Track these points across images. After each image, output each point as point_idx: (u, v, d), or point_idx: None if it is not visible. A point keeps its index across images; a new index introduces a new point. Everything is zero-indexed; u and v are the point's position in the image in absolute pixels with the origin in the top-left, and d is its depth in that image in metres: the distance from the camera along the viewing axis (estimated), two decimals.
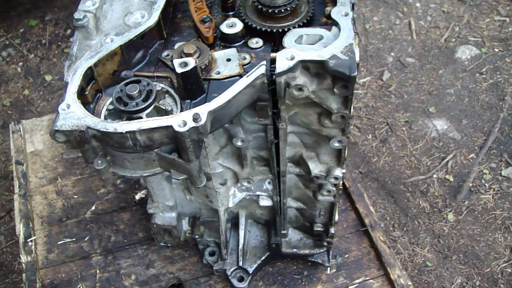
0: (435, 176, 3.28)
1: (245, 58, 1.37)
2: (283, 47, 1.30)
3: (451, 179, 3.27)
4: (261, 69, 1.24)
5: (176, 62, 1.24)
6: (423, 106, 3.64)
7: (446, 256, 2.96)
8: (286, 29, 1.37)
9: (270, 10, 1.37)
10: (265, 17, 1.40)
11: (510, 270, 2.90)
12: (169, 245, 2.10)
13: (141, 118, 1.24)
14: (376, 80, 3.81)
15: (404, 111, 3.61)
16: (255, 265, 1.99)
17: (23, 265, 2.17)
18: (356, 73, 1.17)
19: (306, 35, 1.32)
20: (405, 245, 3.00)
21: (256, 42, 1.40)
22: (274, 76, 1.21)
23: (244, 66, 1.35)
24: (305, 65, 1.21)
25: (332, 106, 1.28)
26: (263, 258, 2.00)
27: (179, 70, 1.23)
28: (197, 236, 1.95)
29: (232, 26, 1.40)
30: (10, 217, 3.12)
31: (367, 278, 2.03)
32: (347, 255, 2.09)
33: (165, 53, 1.42)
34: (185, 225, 1.93)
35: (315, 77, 1.25)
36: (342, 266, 2.07)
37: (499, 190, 3.22)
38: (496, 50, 4.00)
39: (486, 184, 3.25)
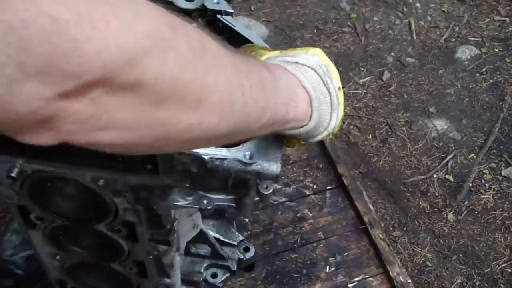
0: (435, 176, 3.28)
1: None
2: None
3: (451, 179, 3.27)
4: None
5: None
6: (423, 106, 3.65)
7: (446, 256, 2.96)
8: None
9: None
10: None
11: (510, 270, 2.90)
12: None
13: None
14: (376, 80, 3.81)
15: (404, 111, 3.61)
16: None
17: None
18: None
19: None
20: (405, 245, 2.99)
21: None
22: None
23: None
24: None
25: None
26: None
27: None
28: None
29: None
30: (10, 217, 3.12)
31: (367, 276, 2.02)
32: (346, 253, 2.09)
33: None
34: None
35: None
36: (341, 264, 2.06)
37: (499, 190, 3.22)
38: (496, 50, 4.00)
39: (486, 184, 3.25)
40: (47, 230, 1.18)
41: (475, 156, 3.38)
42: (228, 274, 1.92)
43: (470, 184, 3.24)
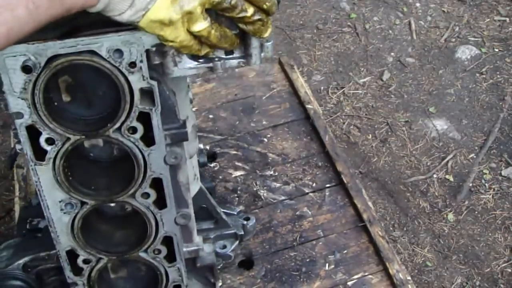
0: (435, 176, 3.28)
1: None
2: None
3: (451, 179, 3.27)
4: None
5: None
6: (423, 106, 3.65)
7: (446, 256, 2.95)
8: None
9: None
10: None
11: (510, 270, 2.90)
12: None
13: None
14: (376, 80, 3.82)
15: (404, 111, 3.61)
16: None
17: None
18: None
19: None
20: (405, 245, 2.99)
21: None
22: None
23: None
24: None
25: None
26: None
27: None
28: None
29: None
30: (10, 217, 3.11)
31: (366, 274, 2.01)
32: (345, 251, 2.08)
33: None
34: None
35: None
36: (340, 262, 2.05)
37: (499, 190, 3.22)
38: (496, 50, 4.00)
39: (486, 184, 3.25)
40: (57, 157, 1.15)
41: (475, 156, 3.38)
42: (236, 243, 1.92)
43: (470, 184, 3.24)
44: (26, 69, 0.98)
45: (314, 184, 2.28)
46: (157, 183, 1.25)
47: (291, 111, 2.49)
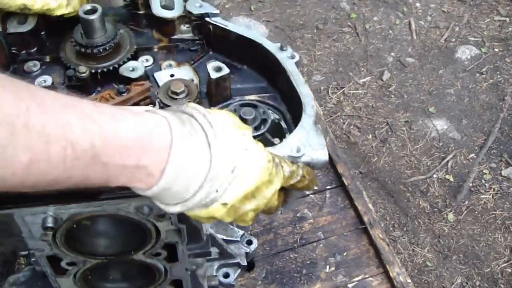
0: (435, 176, 3.28)
1: None
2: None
3: (451, 179, 3.27)
4: None
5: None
6: (423, 106, 3.65)
7: (446, 256, 2.96)
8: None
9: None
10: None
11: (510, 270, 2.90)
12: None
13: None
14: (376, 80, 3.82)
15: (404, 111, 3.61)
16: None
17: (23, 266, 2.17)
18: None
19: None
20: (405, 245, 2.99)
21: None
22: None
23: None
24: None
25: None
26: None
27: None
28: None
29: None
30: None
31: (366, 276, 2.02)
32: (346, 253, 2.09)
33: None
34: None
35: None
36: (341, 264, 2.06)
37: (499, 190, 3.22)
38: (496, 50, 4.00)
39: (486, 184, 3.25)
40: (78, 273, 1.13)
41: (475, 156, 3.38)
42: (239, 271, 1.92)
43: (470, 184, 3.24)
44: (46, 227, 0.92)
45: (314, 186, 2.29)
46: (176, 280, 1.25)
47: None
